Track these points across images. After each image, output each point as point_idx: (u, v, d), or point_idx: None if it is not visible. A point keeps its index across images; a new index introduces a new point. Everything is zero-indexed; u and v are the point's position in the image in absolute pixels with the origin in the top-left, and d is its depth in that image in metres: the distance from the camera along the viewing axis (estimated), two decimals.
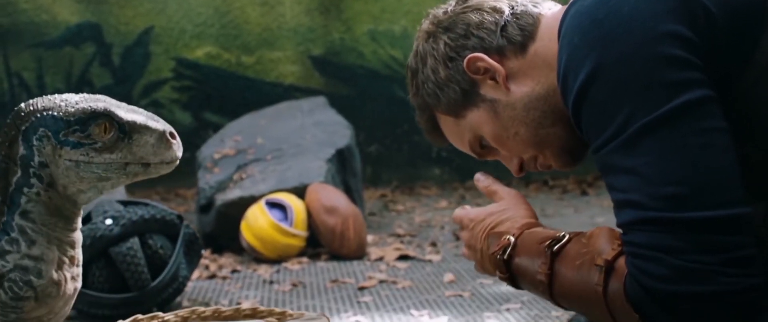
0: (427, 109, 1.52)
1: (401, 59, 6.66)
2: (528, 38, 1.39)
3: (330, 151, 4.32)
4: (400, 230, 4.34)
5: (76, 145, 1.33)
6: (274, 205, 3.74)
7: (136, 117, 1.35)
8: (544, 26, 1.39)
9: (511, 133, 1.42)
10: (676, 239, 1.09)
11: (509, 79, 1.40)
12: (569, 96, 1.22)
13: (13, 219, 1.37)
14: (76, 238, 1.43)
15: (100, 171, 1.34)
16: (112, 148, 1.33)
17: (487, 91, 1.42)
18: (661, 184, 1.11)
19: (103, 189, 1.39)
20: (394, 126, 6.65)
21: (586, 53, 1.18)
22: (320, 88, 6.59)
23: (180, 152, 1.38)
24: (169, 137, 1.35)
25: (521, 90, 1.39)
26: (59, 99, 1.36)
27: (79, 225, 1.44)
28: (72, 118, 1.33)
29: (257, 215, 3.67)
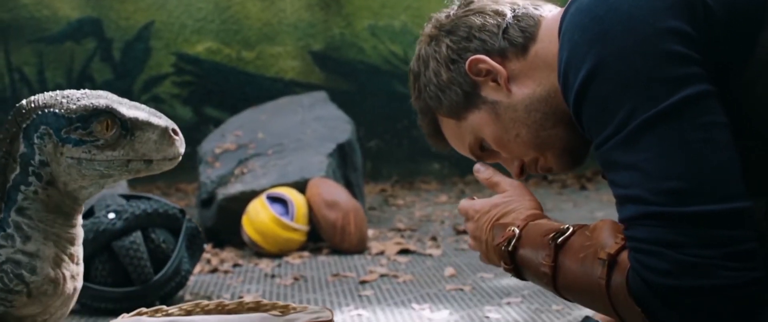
0: (429, 112, 1.52)
1: (401, 55, 6.66)
2: (529, 40, 1.40)
3: (331, 146, 4.32)
4: (400, 225, 4.35)
5: (78, 142, 1.32)
6: (275, 199, 3.74)
7: (138, 114, 1.34)
8: (544, 27, 1.40)
9: (512, 135, 1.42)
10: (677, 233, 1.10)
11: (510, 81, 1.40)
12: (570, 93, 1.23)
13: (9, 215, 1.37)
14: (76, 234, 1.41)
15: (102, 168, 1.33)
16: (114, 145, 1.32)
17: (488, 93, 1.42)
18: (662, 179, 1.11)
19: (105, 185, 1.39)
20: (394, 121, 6.66)
21: (586, 50, 1.19)
22: (320, 83, 6.59)
23: (182, 149, 1.37)
24: (172, 134, 1.35)
25: (522, 92, 1.40)
26: (61, 96, 1.35)
27: (79, 221, 1.42)
28: (74, 116, 1.32)
29: (258, 210, 3.68)
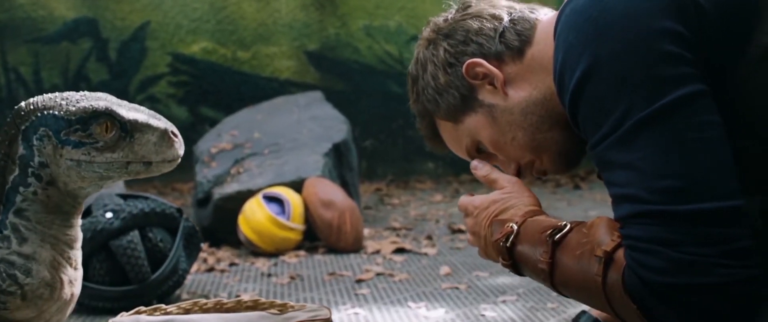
0: (427, 115, 1.54)
1: (396, 55, 6.67)
2: (525, 43, 1.41)
3: (327, 146, 4.33)
4: (395, 224, 4.36)
5: (77, 144, 1.32)
6: (272, 199, 3.75)
7: (137, 116, 1.34)
8: (540, 31, 1.41)
9: (508, 137, 1.43)
10: (673, 231, 1.11)
11: (507, 84, 1.42)
12: (566, 94, 1.24)
13: (7, 217, 1.36)
14: (74, 236, 1.40)
15: (101, 170, 1.33)
16: (113, 147, 1.32)
17: (485, 96, 1.44)
18: (657, 177, 1.13)
19: (104, 185, 1.38)
20: (389, 121, 6.66)
21: (581, 51, 1.20)
22: (315, 83, 6.59)
23: (182, 151, 1.37)
24: (171, 136, 1.34)
25: (519, 95, 1.41)
26: (60, 98, 1.35)
27: (78, 222, 1.42)
28: (73, 118, 1.32)
29: (255, 209, 3.69)
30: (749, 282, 1.11)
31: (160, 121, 1.35)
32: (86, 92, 1.39)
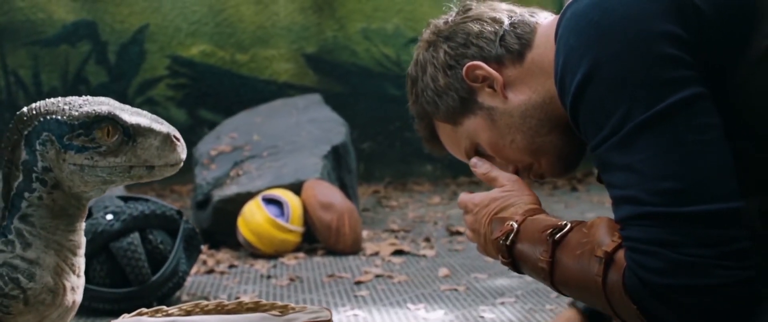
0: (426, 117, 1.54)
1: (394, 57, 6.68)
2: (525, 46, 1.42)
3: (325, 148, 4.34)
4: (394, 226, 4.37)
5: (80, 149, 1.31)
6: (271, 201, 3.76)
7: (140, 120, 1.32)
8: (540, 34, 1.41)
9: (507, 140, 1.44)
10: (672, 233, 1.12)
11: (507, 87, 1.42)
12: (566, 96, 1.24)
13: (12, 222, 1.35)
14: (78, 242, 1.39)
15: (104, 175, 1.32)
16: (116, 151, 1.31)
17: (484, 99, 1.44)
18: (657, 179, 1.13)
19: (107, 189, 1.38)
20: (387, 123, 6.67)
21: (582, 54, 1.21)
22: (314, 85, 6.60)
23: (184, 155, 1.36)
24: (174, 140, 1.33)
25: (518, 98, 1.41)
26: (63, 102, 1.33)
27: (82, 227, 1.41)
28: (76, 122, 1.30)
29: (254, 211, 3.69)
30: (748, 283, 1.11)
31: (162, 126, 1.35)
32: (89, 97, 1.37)
